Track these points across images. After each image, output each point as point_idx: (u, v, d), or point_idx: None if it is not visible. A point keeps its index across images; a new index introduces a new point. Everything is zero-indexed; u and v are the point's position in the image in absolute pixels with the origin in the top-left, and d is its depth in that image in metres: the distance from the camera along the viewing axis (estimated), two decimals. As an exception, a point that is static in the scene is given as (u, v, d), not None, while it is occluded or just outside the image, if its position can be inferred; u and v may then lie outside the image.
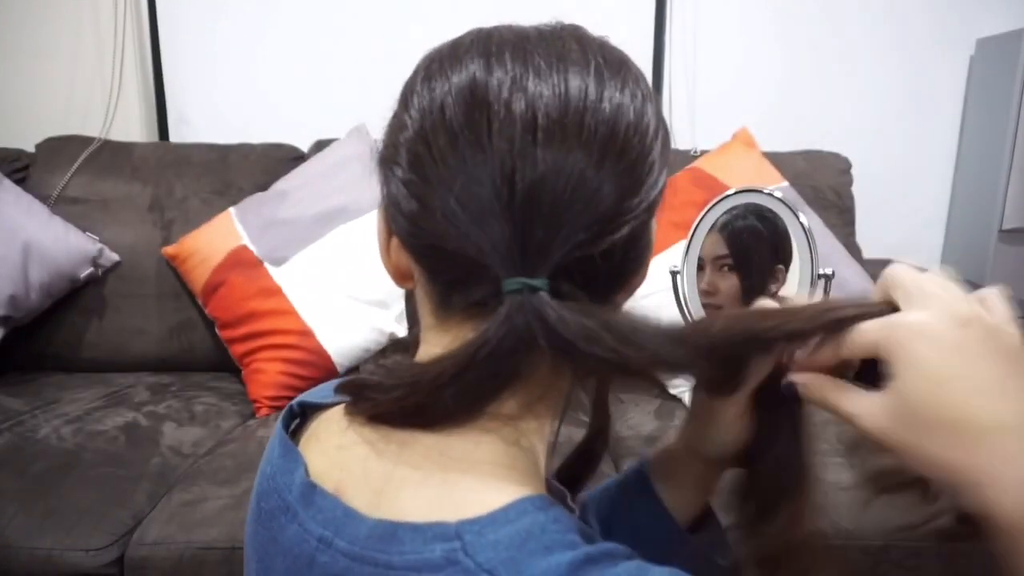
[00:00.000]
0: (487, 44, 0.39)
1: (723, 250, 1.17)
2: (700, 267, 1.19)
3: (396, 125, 0.40)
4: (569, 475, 0.52)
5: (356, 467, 0.40)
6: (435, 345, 0.41)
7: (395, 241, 0.41)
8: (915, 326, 0.35)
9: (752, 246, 1.16)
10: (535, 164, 0.35)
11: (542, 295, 0.35)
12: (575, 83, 0.37)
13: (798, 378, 0.40)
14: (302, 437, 0.46)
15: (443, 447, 0.38)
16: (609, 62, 0.39)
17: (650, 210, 0.39)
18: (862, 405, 0.37)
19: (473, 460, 0.38)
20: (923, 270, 0.38)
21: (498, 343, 0.35)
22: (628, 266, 0.40)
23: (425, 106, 0.38)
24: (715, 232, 1.17)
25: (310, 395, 0.48)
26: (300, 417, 0.48)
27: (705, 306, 1.18)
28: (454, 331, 0.40)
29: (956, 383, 0.34)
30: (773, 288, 1.18)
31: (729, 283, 1.19)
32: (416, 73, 0.40)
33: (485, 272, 0.36)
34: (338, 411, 0.43)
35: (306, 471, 0.41)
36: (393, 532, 0.35)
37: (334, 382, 0.45)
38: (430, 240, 0.38)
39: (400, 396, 0.38)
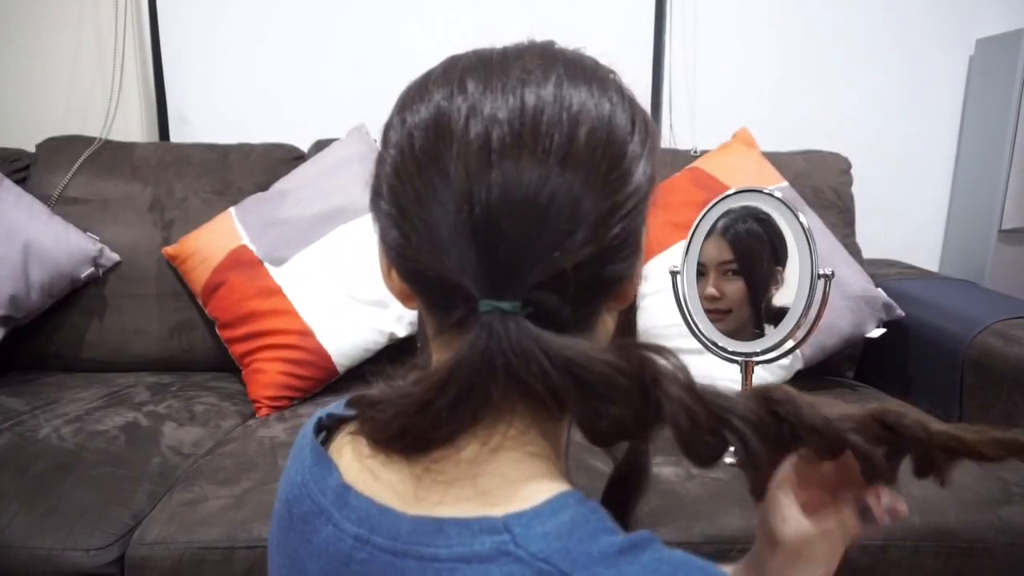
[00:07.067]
0: (451, 72, 0.40)
1: (727, 255, 1.17)
2: (702, 272, 1.19)
3: (379, 160, 0.42)
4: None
5: (387, 474, 0.41)
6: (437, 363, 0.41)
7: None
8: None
9: (755, 250, 1.16)
10: (490, 186, 0.36)
11: (512, 318, 0.36)
12: (531, 99, 0.37)
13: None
14: (330, 447, 0.47)
15: (466, 460, 0.39)
16: (572, 73, 0.39)
17: (633, 214, 0.38)
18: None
19: (497, 467, 0.39)
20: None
21: (468, 365, 0.36)
22: (614, 273, 0.39)
23: (398, 140, 0.40)
24: (716, 237, 1.17)
25: (337, 407, 0.49)
26: (328, 429, 0.49)
27: (711, 311, 1.18)
28: (448, 350, 0.40)
29: None
30: (774, 290, 1.18)
31: (735, 287, 1.19)
32: (394, 109, 0.42)
33: (465, 293, 0.37)
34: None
35: (340, 476, 0.43)
36: (439, 527, 0.37)
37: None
38: (413, 267, 0.40)
39: (389, 417, 0.39)
